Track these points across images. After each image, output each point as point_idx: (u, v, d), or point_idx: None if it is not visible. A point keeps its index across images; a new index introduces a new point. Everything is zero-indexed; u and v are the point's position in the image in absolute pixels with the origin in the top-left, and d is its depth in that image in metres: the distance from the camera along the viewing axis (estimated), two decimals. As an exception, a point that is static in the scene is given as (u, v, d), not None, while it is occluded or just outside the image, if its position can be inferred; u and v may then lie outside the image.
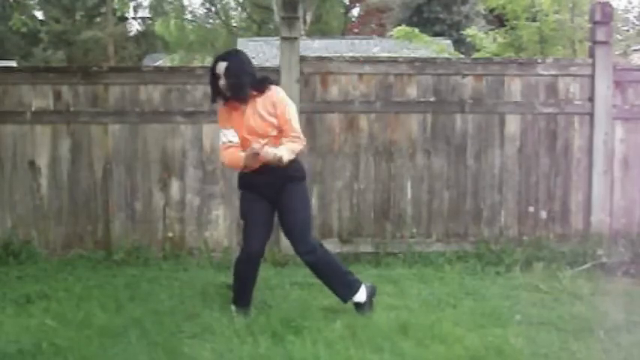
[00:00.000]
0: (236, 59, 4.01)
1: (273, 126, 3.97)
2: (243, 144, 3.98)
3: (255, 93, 3.99)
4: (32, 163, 5.56)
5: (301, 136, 4.04)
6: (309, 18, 27.96)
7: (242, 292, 4.11)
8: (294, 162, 4.01)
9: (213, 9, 33.66)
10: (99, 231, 5.60)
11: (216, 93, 4.03)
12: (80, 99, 5.57)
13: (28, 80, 5.58)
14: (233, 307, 4.05)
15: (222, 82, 3.95)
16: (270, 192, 4.03)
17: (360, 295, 4.09)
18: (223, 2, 33.41)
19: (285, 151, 3.90)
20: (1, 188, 5.56)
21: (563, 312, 4.16)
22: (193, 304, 4.28)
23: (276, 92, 4.04)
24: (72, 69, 6.23)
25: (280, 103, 3.99)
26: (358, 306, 4.09)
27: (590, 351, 3.51)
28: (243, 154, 3.94)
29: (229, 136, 4.01)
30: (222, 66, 3.95)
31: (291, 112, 4.03)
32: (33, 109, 5.54)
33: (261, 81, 4.03)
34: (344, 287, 4.11)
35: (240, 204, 4.18)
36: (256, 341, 3.56)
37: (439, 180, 5.68)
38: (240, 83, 3.93)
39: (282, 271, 5.07)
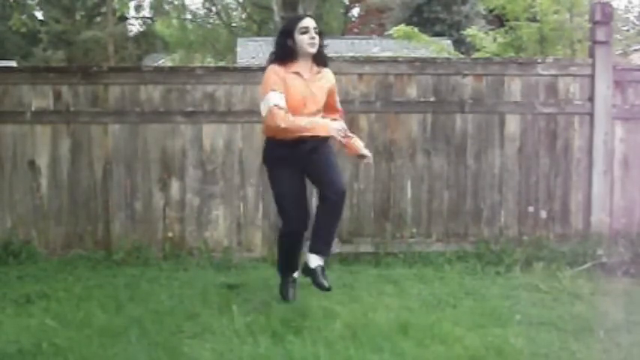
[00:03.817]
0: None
1: (325, 101, 4.16)
2: (295, 109, 3.99)
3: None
4: (32, 163, 5.57)
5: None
6: (309, 18, 27.88)
7: (290, 262, 4.32)
8: None
9: (213, 9, 33.64)
10: (99, 231, 5.60)
11: (287, 50, 4.05)
12: (80, 99, 5.57)
13: (28, 80, 5.58)
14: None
15: (310, 36, 3.98)
16: (304, 160, 4.08)
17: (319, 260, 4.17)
18: (224, 2, 33.39)
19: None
20: (1, 188, 5.56)
21: (563, 312, 4.15)
22: (193, 304, 4.28)
23: (330, 72, 4.24)
24: (72, 69, 6.22)
25: (333, 84, 4.24)
26: (312, 271, 4.15)
27: (590, 351, 3.51)
28: (304, 119, 3.98)
29: (279, 99, 3.96)
30: (313, 21, 4.01)
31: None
32: (33, 109, 5.54)
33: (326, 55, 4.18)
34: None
35: (275, 182, 4.14)
36: (256, 341, 3.55)
37: (439, 180, 5.67)
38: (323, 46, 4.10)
39: (282, 271, 5.05)
